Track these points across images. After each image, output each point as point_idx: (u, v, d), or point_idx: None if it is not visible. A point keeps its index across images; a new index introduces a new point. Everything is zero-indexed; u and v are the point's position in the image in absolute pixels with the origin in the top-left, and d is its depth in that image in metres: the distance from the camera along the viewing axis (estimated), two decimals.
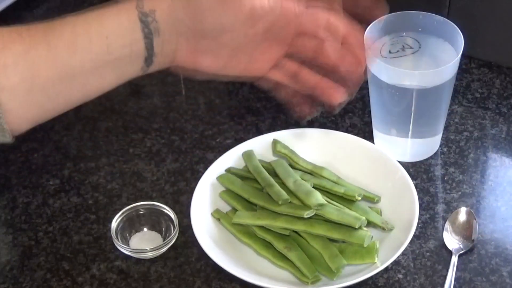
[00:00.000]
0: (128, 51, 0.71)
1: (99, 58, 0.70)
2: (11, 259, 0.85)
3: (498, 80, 1.02)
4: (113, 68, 0.71)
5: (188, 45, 0.73)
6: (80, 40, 0.69)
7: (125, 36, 0.70)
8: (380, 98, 0.88)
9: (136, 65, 0.72)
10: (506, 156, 0.93)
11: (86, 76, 0.70)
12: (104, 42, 0.70)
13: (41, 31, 0.69)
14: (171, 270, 0.83)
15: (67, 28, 0.69)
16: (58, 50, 0.68)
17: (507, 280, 0.80)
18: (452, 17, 0.89)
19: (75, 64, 0.69)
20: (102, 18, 0.69)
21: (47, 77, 0.68)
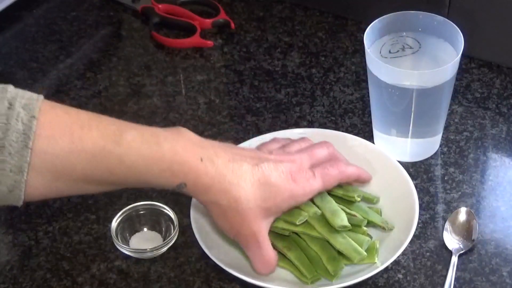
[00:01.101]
0: (158, 187, 0.76)
1: (131, 184, 0.74)
2: (11, 259, 0.85)
3: (498, 80, 1.02)
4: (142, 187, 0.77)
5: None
6: (119, 169, 0.71)
7: (158, 187, 0.75)
8: (380, 98, 0.88)
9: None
10: (506, 156, 0.93)
11: (112, 187, 0.75)
12: (136, 181, 0.73)
13: (93, 140, 0.70)
14: (171, 270, 0.83)
15: (115, 155, 0.70)
16: (99, 167, 0.70)
17: (507, 280, 0.80)
18: (452, 17, 0.89)
19: (108, 180, 0.72)
20: (148, 168, 0.72)
21: (79, 178, 0.71)
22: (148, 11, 1.15)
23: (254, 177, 0.75)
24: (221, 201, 0.74)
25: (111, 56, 1.10)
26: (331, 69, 1.05)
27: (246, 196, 0.74)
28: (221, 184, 0.74)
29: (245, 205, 0.75)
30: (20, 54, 1.10)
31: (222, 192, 0.74)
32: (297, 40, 1.10)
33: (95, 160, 0.69)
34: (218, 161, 0.74)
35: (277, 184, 0.76)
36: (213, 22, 1.12)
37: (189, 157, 0.73)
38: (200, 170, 0.73)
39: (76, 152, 0.69)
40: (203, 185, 0.73)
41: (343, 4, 1.12)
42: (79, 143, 0.69)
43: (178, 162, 0.72)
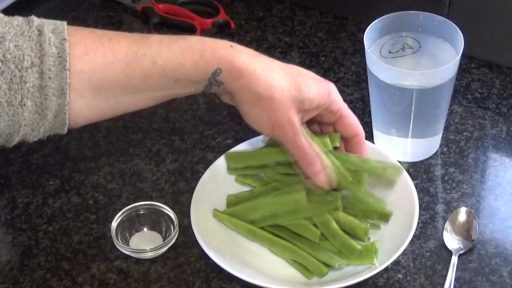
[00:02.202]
0: (190, 90, 0.77)
1: (164, 91, 0.76)
2: (11, 259, 0.85)
3: (498, 80, 1.02)
4: (174, 93, 0.77)
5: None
6: (154, 75, 0.73)
7: (191, 84, 0.76)
8: (380, 98, 0.88)
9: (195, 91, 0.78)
10: (506, 156, 0.93)
11: (148, 99, 0.76)
12: (172, 83, 0.75)
13: (123, 49, 0.72)
14: (171, 270, 0.83)
15: (148, 59, 0.73)
16: (132, 76, 0.72)
17: (507, 280, 0.80)
18: (452, 17, 0.89)
19: (142, 89, 0.74)
20: (180, 66, 0.74)
21: (116, 90, 0.73)
22: (148, 11, 1.15)
23: (286, 70, 0.77)
24: (256, 87, 0.75)
25: None
26: (331, 69, 1.05)
27: (280, 84, 0.76)
28: (255, 70, 0.75)
29: (280, 92, 0.76)
30: None
31: (257, 78, 0.75)
32: (297, 40, 1.10)
33: (129, 67, 0.72)
34: (249, 51, 0.76)
35: (307, 78, 0.77)
36: (213, 22, 1.12)
37: (219, 44, 0.75)
38: (233, 55, 0.75)
39: (110, 63, 0.71)
40: (237, 70, 0.75)
41: (343, 4, 1.12)
42: (111, 54, 0.71)
43: (208, 49, 0.74)
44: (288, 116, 0.76)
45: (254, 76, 0.75)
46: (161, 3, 1.15)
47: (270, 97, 0.76)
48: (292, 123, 0.77)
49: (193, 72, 0.74)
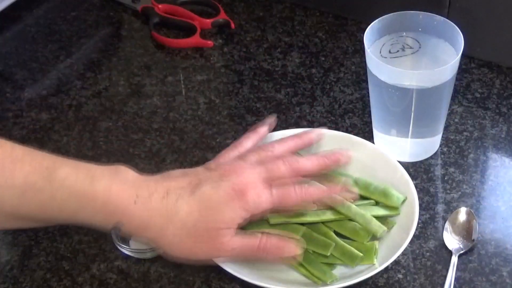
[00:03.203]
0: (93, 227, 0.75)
1: (65, 221, 0.74)
2: (11, 259, 0.85)
3: (498, 80, 1.02)
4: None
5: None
6: (51, 207, 0.71)
7: (95, 226, 0.74)
8: (380, 98, 0.88)
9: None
10: (506, 156, 0.93)
11: (44, 223, 0.76)
12: (70, 218, 0.73)
13: (24, 175, 0.69)
14: (171, 270, 0.83)
15: (46, 192, 0.69)
16: (29, 204, 0.70)
17: (507, 280, 0.80)
18: (452, 17, 0.89)
19: (40, 217, 0.72)
20: (80, 206, 0.71)
21: (7, 213, 0.70)
22: (148, 11, 1.15)
23: (192, 207, 0.73)
24: (163, 237, 0.73)
25: (111, 56, 1.10)
26: (331, 69, 1.05)
27: (192, 220, 0.73)
28: (158, 221, 0.73)
29: (193, 229, 0.73)
30: (20, 54, 1.10)
31: (161, 228, 0.73)
32: (297, 40, 1.10)
33: (25, 196, 0.69)
34: (152, 200, 0.72)
35: (217, 205, 0.73)
36: (213, 22, 1.12)
37: (122, 199, 0.71)
38: (134, 212, 0.72)
39: (6, 187, 0.68)
40: (139, 224, 0.73)
41: (343, 4, 1.12)
42: (9, 178, 0.68)
43: (111, 204, 0.71)
44: (212, 246, 0.74)
45: (159, 228, 0.73)
46: (161, 3, 1.15)
47: (181, 240, 0.74)
48: (219, 251, 0.75)
49: (93, 219, 0.72)
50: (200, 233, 0.73)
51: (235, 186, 0.74)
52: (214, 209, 0.73)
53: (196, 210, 0.73)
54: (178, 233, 0.73)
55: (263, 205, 0.75)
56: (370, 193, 0.84)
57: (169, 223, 0.73)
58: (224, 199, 0.74)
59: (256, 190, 0.75)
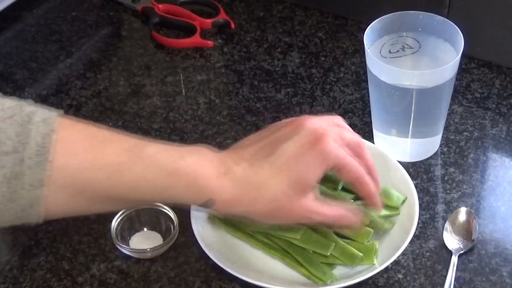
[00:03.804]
0: (183, 203, 0.75)
1: (155, 199, 0.75)
2: (11, 259, 0.85)
3: (498, 80, 1.02)
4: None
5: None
6: (142, 184, 0.69)
7: (185, 202, 0.74)
8: (380, 98, 0.88)
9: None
10: (506, 156, 0.93)
11: (134, 204, 0.75)
12: (161, 197, 0.72)
13: (115, 154, 0.68)
14: (171, 270, 0.83)
15: (138, 169, 0.69)
16: (120, 182, 0.69)
17: (507, 280, 0.80)
18: (452, 17, 0.89)
19: (130, 196, 0.71)
20: (172, 188, 0.70)
21: (99, 194, 0.69)
22: (148, 11, 1.15)
23: (276, 168, 0.73)
24: (256, 208, 0.73)
25: (111, 56, 1.10)
26: (331, 69, 1.05)
27: (278, 191, 0.72)
28: (250, 193, 0.72)
29: (282, 199, 0.73)
30: (20, 54, 1.10)
31: (253, 199, 0.72)
32: (297, 40, 1.10)
33: (116, 175, 0.68)
34: (239, 170, 0.72)
35: (300, 159, 0.73)
36: (213, 22, 1.12)
37: (212, 172, 0.71)
38: (225, 185, 0.71)
39: (97, 167, 0.67)
40: (231, 198, 0.72)
41: (343, 4, 1.12)
42: (100, 158, 0.67)
43: (202, 177, 0.70)
44: (304, 209, 0.74)
45: (251, 199, 0.72)
46: (161, 3, 1.15)
47: (278, 207, 0.73)
48: (311, 212, 0.75)
49: (184, 195, 0.71)
50: (292, 196, 0.73)
51: (311, 134, 0.73)
52: (299, 163, 0.73)
53: (283, 171, 0.73)
54: (269, 202, 0.73)
55: (340, 156, 0.74)
56: None
57: (260, 192, 0.72)
58: (305, 150, 0.73)
59: (332, 138, 0.74)
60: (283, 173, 0.73)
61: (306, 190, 0.74)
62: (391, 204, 0.83)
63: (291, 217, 0.75)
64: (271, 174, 0.73)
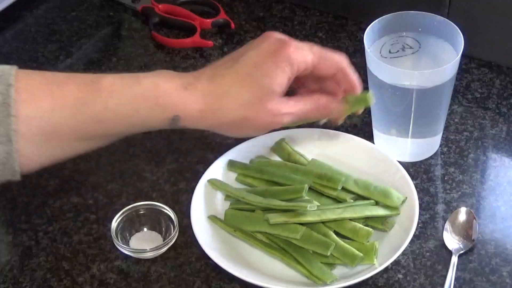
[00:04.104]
0: (152, 128, 0.75)
1: (122, 130, 0.73)
2: (11, 259, 0.85)
3: (498, 80, 1.02)
4: (136, 132, 0.75)
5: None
6: (107, 120, 0.70)
7: (150, 128, 0.74)
8: (380, 98, 0.88)
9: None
10: (506, 156, 0.93)
11: (105, 138, 0.74)
12: (129, 130, 0.73)
13: (73, 94, 0.70)
14: (171, 270, 0.83)
15: (98, 103, 0.70)
16: (83, 121, 0.70)
17: (507, 280, 0.80)
18: (452, 17, 0.89)
19: (96, 135, 0.72)
20: (134, 111, 0.71)
21: (68, 136, 0.70)
22: (148, 11, 1.15)
23: (240, 76, 0.73)
24: (223, 119, 0.73)
25: (111, 56, 1.10)
26: None
27: (244, 97, 0.73)
28: (214, 103, 0.73)
29: (248, 105, 0.73)
30: (20, 54, 1.10)
31: (219, 110, 0.73)
32: (297, 40, 1.10)
33: (80, 113, 0.69)
34: (201, 83, 0.73)
35: (263, 65, 0.73)
36: (213, 22, 1.12)
37: (173, 88, 0.71)
38: (189, 98, 0.72)
39: (59, 109, 0.68)
40: (197, 112, 0.72)
41: (343, 4, 1.12)
42: (60, 99, 0.68)
43: (163, 96, 0.71)
44: (267, 119, 0.74)
45: (217, 110, 0.73)
46: (161, 3, 1.15)
47: (246, 116, 0.73)
48: (271, 119, 0.75)
49: (149, 118, 0.72)
50: (256, 103, 0.73)
51: (275, 42, 0.75)
52: (262, 69, 0.73)
53: (246, 78, 0.73)
54: (235, 111, 0.73)
55: (306, 58, 0.75)
56: (370, 193, 0.84)
57: (225, 101, 0.73)
58: (268, 57, 0.74)
59: (297, 44, 0.75)
60: (245, 81, 0.73)
61: (270, 96, 0.74)
62: (391, 204, 0.83)
63: (259, 125, 0.75)
64: (233, 82, 0.73)
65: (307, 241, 0.80)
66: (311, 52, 0.76)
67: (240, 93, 0.73)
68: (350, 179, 0.86)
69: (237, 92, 0.73)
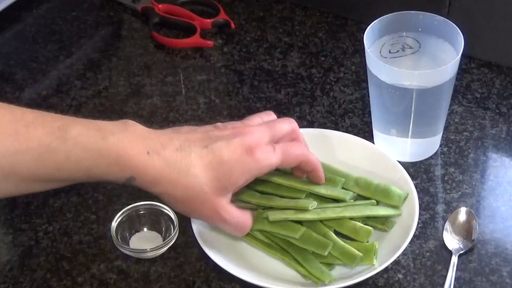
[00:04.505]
0: (108, 182, 0.75)
1: (80, 179, 0.74)
2: (11, 259, 0.85)
3: (498, 80, 1.02)
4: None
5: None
6: (66, 166, 0.71)
7: (107, 180, 0.74)
8: (380, 98, 0.88)
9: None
10: (506, 156, 0.93)
11: (61, 184, 0.75)
12: (87, 179, 0.73)
13: (37, 138, 0.69)
14: (171, 270, 0.83)
15: (60, 152, 0.70)
16: (46, 165, 0.70)
17: (507, 280, 0.80)
18: (452, 17, 0.89)
19: (56, 177, 0.72)
20: (94, 166, 0.71)
21: (25, 177, 0.70)
22: (148, 11, 1.15)
23: (204, 161, 0.74)
24: (173, 191, 0.74)
25: (111, 56, 1.10)
26: (331, 69, 1.05)
27: (199, 182, 0.74)
28: (170, 175, 0.73)
29: (200, 191, 0.74)
30: (20, 54, 1.10)
31: (173, 183, 0.74)
32: (297, 40, 1.10)
33: (41, 158, 0.69)
34: (165, 152, 0.73)
35: (229, 162, 0.75)
36: (213, 22, 1.12)
37: (135, 151, 0.72)
38: (147, 164, 0.72)
39: (22, 151, 0.68)
40: (152, 178, 0.73)
41: (343, 4, 1.12)
42: (24, 142, 0.68)
43: (124, 156, 0.71)
44: (213, 208, 0.76)
45: (171, 181, 0.73)
46: (161, 3, 1.15)
47: (191, 197, 0.75)
48: (219, 213, 0.76)
49: (107, 174, 0.72)
50: (207, 192, 0.75)
51: (245, 144, 0.76)
52: (227, 164, 0.75)
53: (209, 166, 0.74)
54: (187, 190, 0.74)
55: (270, 161, 0.77)
56: (371, 193, 0.84)
57: (181, 177, 0.74)
58: (236, 156, 0.75)
59: (263, 148, 0.76)
60: (208, 168, 0.74)
61: (224, 192, 0.76)
62: (393, 203, 0.83)
63: (201, 211, 0.76)
64: (196, 164, 0.74)
65: (306, 241, 0.80)
66: (275, 155, 0.77)
67: (198, 177, 0.74)
68: (351, 179, 0.86)
69: (196, 175, 0.74)
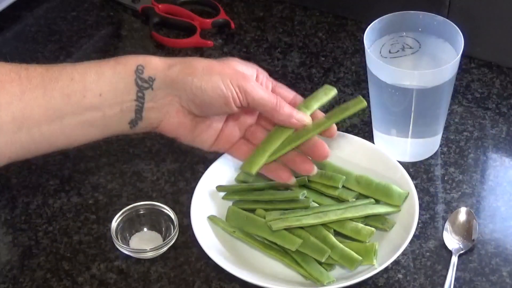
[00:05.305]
0: (118, 110, 0.74)
1: (89, 112, 0.73)
2: (11, 259, 0.85)
3: (498, 80, 1.02)
4: (100, 123, 0.74)
5: (175, 117, 0.77)
6: (74, 92, 0.71)
7: (118, 96, 0.73)
8: (380, 98, 0.88)
9: (122, 125, 0.76)
10: (506, 156, 0.93)
11: (73, 126, 0.73)
12: (97, 99, 0.73)
13: (40, 74, 0.71)
14: (171, 270, 0.83)
15: (65, 77, 0.71)
16: (53, 97, 0.70)
17: (507, 280, 0.80)
18: (452, 17, 0.90)
19: (66, 113, 0.72)
20: (99, 75, 0.72)
21: (37, 121, 0.70)
22: (148, 11, 1.15)
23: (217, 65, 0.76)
24: (193, 69, 0.74)
25: (111, 56, 1.09)
26: (331, 69, 1.05)
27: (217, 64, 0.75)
28: (183, 63, 0.74)
29: (216, 62, 0.75)
30: (20, 54, 1.10)
31: (189, 65, 0.74)
32: (297, 40, 1.10)
33: (48, 88, 0.70)
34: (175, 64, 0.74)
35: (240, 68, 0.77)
36: (213, 22, 1.12)
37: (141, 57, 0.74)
38: (155, 59, 0.73)
39: (27, 90, 0.69)
40: (162, 63, 0.73)
41: (343, 4, 1.12)
42: (27, 81, 0.70)
43: (127, 58, 0.73)
44: (230, 72, 0.75)
45: (187, 67, 0.74)
46: (161, 3, 1.15)
47: (211, 65, 0.74)
48: (237, 76, 0.75)
49: (115, 78, 0.72)
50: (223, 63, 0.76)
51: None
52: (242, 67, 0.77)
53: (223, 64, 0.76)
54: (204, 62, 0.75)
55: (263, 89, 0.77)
56: (372, 191, 0.84)
57: (193, 64, 0.74)
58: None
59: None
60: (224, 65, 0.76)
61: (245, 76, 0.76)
62: (393, 202, 0.83)
63: (224, 73, 0.75)
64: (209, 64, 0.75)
65: (305, 247, 0.80)
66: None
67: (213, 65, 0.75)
68: (352, 177, 0.86)
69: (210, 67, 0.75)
